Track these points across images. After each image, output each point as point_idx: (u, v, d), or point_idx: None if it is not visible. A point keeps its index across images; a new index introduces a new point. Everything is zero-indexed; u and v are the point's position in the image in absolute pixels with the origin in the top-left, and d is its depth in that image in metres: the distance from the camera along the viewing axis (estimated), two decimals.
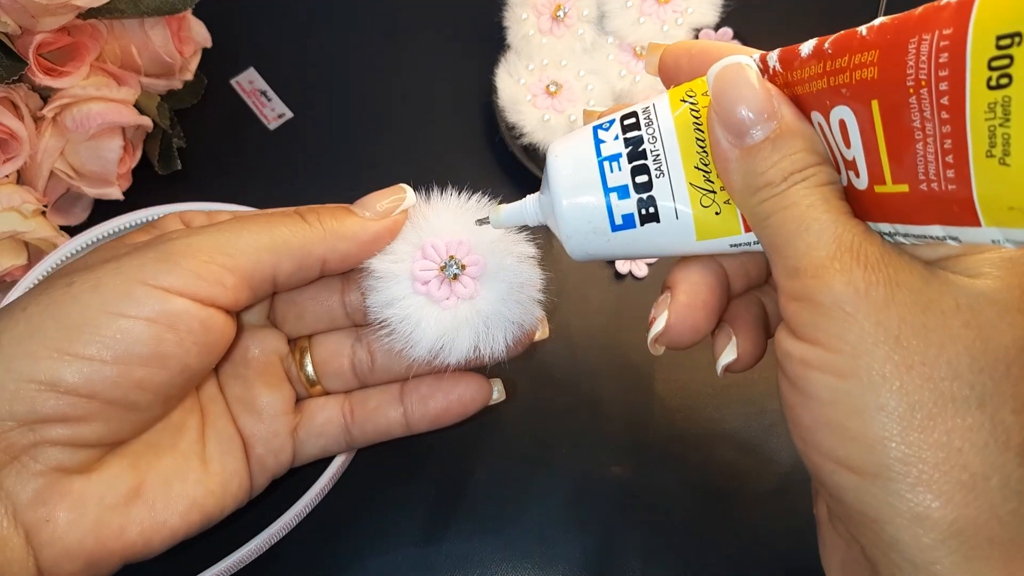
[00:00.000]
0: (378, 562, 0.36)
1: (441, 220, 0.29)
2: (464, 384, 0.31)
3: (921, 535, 0.18)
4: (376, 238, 0.28)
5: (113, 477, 0.26)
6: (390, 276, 0.28)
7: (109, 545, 0.25)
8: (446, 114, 0.47)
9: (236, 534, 0.32)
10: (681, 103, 0.24)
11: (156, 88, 0.43)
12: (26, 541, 0.23)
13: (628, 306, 0.42)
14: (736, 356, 0.26)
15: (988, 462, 0.18)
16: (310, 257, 0.27)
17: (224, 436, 0.29)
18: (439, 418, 0.31)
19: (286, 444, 0.30)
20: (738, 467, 0.38)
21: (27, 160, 0.37)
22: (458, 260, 0.28)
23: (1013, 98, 0.15)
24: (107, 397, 0.24)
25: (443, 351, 0.28)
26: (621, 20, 0.45)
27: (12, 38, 0.35)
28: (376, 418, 0.31)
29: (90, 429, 0.24)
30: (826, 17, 0.49)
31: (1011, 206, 0.16)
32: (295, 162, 0.45)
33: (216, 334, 0.26)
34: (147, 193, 0.40)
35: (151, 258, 0.25)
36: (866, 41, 0.19)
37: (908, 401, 0.18)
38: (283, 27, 0.49)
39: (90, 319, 0.23)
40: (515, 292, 0.29)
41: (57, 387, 0.23)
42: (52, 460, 0.24)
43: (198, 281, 0.25)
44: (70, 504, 0.24)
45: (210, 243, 0.25)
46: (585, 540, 0.36)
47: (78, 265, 0.26)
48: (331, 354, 0.32)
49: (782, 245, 0.21)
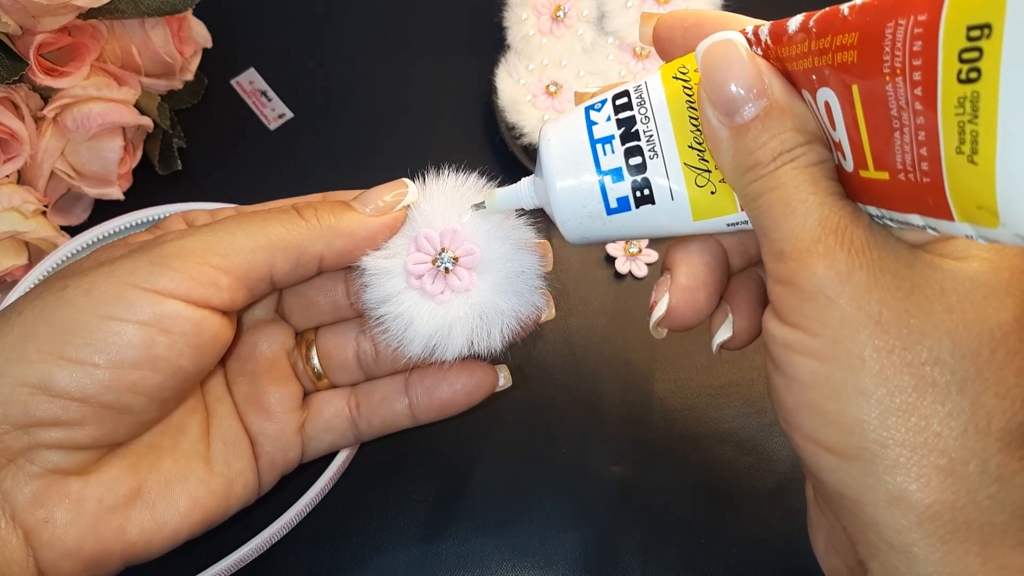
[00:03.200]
0: (378, 562, 0.36)
1: (434, 207, 0.28)
2: (468, 373, 0.31)
3: (898, 517, 0.19)
4: (374, 235, 0.27)
5: (112, 478, 0.26)
6: (384, 272, 0.27)
7: (109, 545, 0.25)
8: (446, 114, 0.47)
9: (237, 534, 0.32)
10: (673, 80, 0.23)
11: (156, 88, 0.43)
12: (25, 542, 0.23)
13: (628, 306, 0.42)
14: (732, 334, 0.26)
15: (967, 447, 0.18)
16: (306, 255, 0.27)
17: (230, 436, 0.29)
18: (445, 408, 0.31)
19: (294, 441, 0.30)
20: (738, 467, 0.38)
21: (28, 160, 0.37)
22: (451, 252, 0.27)
23: (981, 94, 0.15)
24: (100, 400, 0.24)
25: (437, 349, 0.27)
26: (621, 20, 0.45)
27: (13, 38, 0.35)
28: (382, 410, 0.31)
29: (84, 432, 0.24)
30: None
31: (979, 205, 0.16)
32: (295, 162, 0.45)
33: (210, 336, 0.26)
34: (147, 193, 0.40)
35: (144, 261, 0.25)
36: (848, 22, 0.18)
37: (888, 385, 0.19)
38: (283, 27, 0.49)
39: (82, 323, 0.23)
40: (512, 282, 0.28)
41: (50, 391, 0.23)
42: (49, 462, 0.24)
43: (191, 283, 0.24)
44: (69, 505, 0.24)
45: (203, 244, 0.25)
46: (585, 539, 0.36)
47: (74, 269, 0.26)
48: (335, 346, 0.31)
49: (769, 227, 0.21)
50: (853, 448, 0.19)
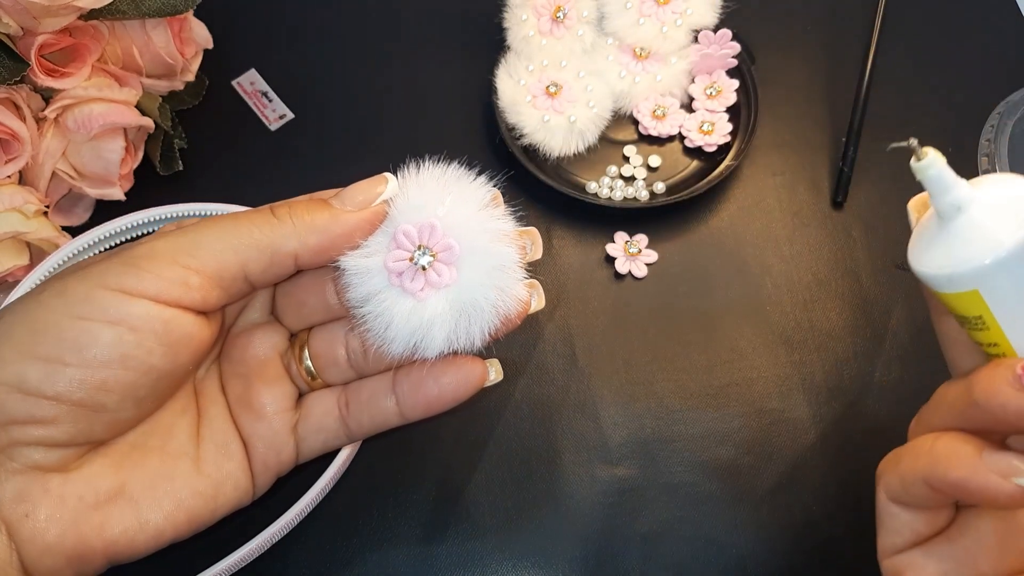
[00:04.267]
0: (378, 562, 0.36)
1: (411, 202, 0.27)
2: (455, 368, 0.29)
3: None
4: (350, 231, 0.27)
5: (93, 475, 0.26)
6: (364, 271, 0.27)
7: (90, 542, 0.25)
8: (446, 115, 0.47)
9: (237, 533, 0.32)
10: None
11: (158, 89, 0.43)
12: (8, 537, 0.24)
13: (628, 306, 0.42)
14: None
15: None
16: (279, 253, 0.26)
17: (221, 438, 0.29)
18: (432, 405, 0.30)
19: (287, 442, 0.30)
20: (738, 467, 0.38)
21: (29, 161, 0.37)
22: (428, 248, 0.27)
23: None
24: (72, 399, 0.24)
25: (418, 347, 0.27)
26: (621, 21, 0.45)
27: (14, 39, 0.35)
28: (370, 409, 0.30)
29: (60, 430, 0.25)
30: (825, 18, 0.49)
31: None
32: (296, 163, 0.45)
33: (181, 335, 0.26)
34: (149, 194, 0.40)
35: (115, 263, 0.25)
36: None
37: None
38: (284, 28, 0.49)
39: (55, 323, 0.24)
40: (492, 276, 0.27)
41: (23, 389, 0.24)
42: (29, 459, 0.25)
43: (161, 283, 0.25)
44: (49, 501, 0.25)
45: (173, 246, 0.26)
46: (585, 539, 0.36)
47: (55, 275, 0.26)
48: (325, 345, 0.31)
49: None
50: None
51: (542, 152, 0.43)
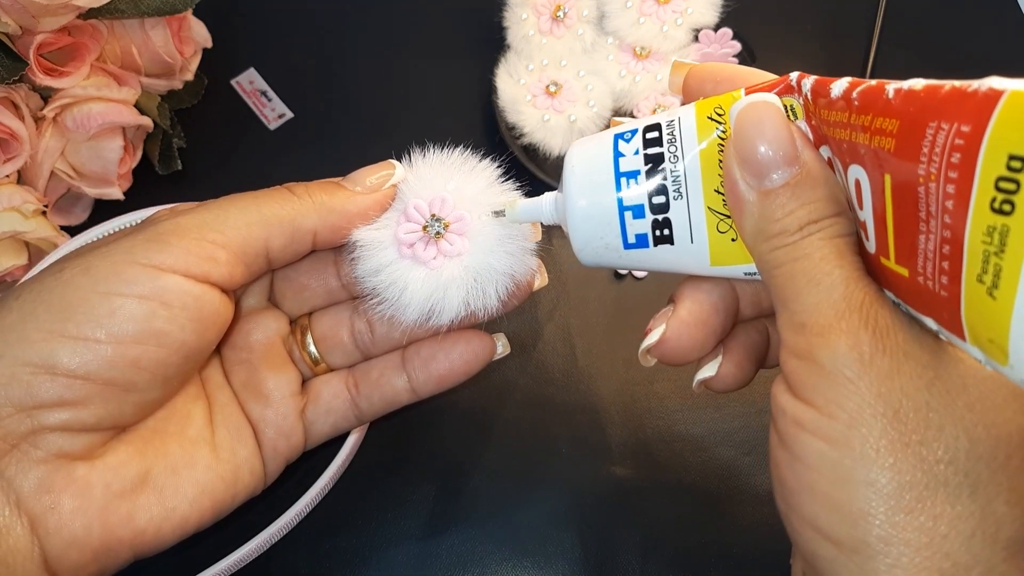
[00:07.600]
0: (378, 561, 0.36)
1: (421, 180, 0.28)
2: (464, 342, 0.30)
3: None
4: (365, 211, 0.28)
5: (119, 463, 0.25)
6: (375, 244, 0.28)
7: (118, 533, 0.24)
8: (446, 114, 0.47)
9: (237, 533, 0.32)
10: (708, 121, 0.22)
11: (156, 88, 0.43)
12: (31, 530, 0.23)
13: (628, 306, 0.42)
14: (715, 374, 0.26)
15: (972, 553, 0.18)
16: (300, 230, 0.27)
17: (233, 423, 0.29)
18: (444, 379, 0.30)
19: (296, 426, 0.30)
20: (738, 467, 0.38)
21: (28, 160, 0.37)
22: (441, 218, 0.28)
23: (1012, 229, 0.14)
24: (104, 377, 0.24)
25: (434, 312, 0.27)
26: (621, 20, 0.45)
27: (13, 38, 0.35)
28: (381, 388, 0.31)
29: (89, 412, 0.24)
30: (826, 18, 0.49)
31: (991, 338, 0.15)
32: (295, 162, 0.45)
33: (211, 310, 0.25)
34: (147, 193, 0.40)
35: (140, 239, 0.25)
36: (891, 107, 0.17)
37: (899, 480, 0.18)
38: (283, 27, 0.49)
39: (82, 300, 0.23)
40: (503, 243, 0.28)
41: (53, 369, 0.23)
42: (53, 446, 0.24)
43: (189, 258, 0.25)
44: (75, 491, 0.24)
45: (199, 222, 0.25)
46: (585, 539, 0.36)
47: (70, 255, 0.26)
48: (330, 328, 0.31)
49: (789, 298, 0.20)
50: (855, 540, 0.18)
51: (542, 151, 0.43)
